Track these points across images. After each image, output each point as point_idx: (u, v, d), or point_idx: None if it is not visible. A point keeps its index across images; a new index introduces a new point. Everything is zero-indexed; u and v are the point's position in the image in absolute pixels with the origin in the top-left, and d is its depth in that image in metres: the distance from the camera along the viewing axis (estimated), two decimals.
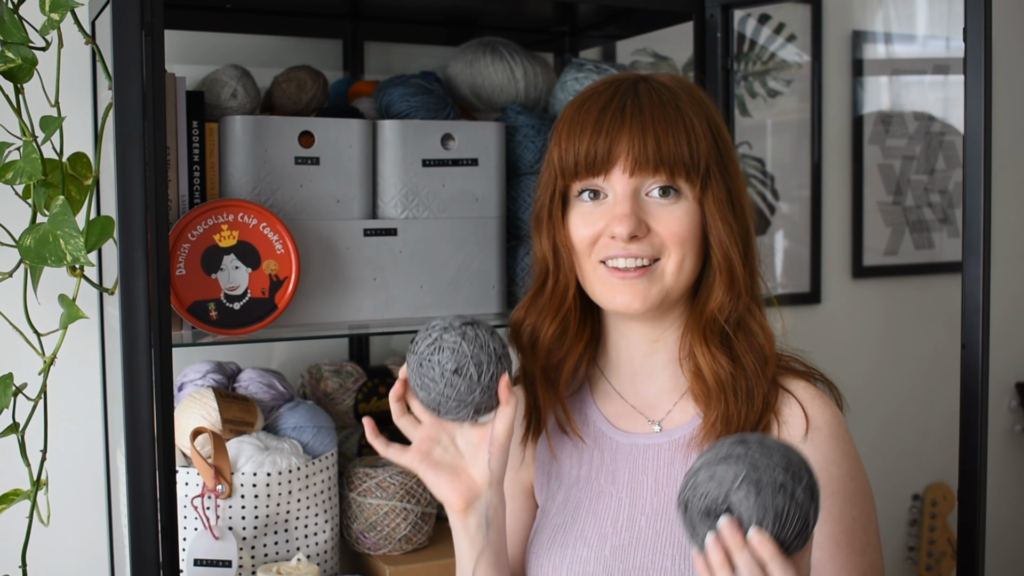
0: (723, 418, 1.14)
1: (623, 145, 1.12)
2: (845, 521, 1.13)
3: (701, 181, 1.14)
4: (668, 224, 1.14)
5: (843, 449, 1.15)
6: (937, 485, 2.64)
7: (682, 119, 1.13)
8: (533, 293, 1.24)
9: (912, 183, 2.60)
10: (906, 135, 2.59)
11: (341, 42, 1.83)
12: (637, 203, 1.14)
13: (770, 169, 2.40)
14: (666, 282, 1.15)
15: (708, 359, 1.15)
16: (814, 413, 1.15)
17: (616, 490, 1.18)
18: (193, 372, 1.55)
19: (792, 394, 1.16)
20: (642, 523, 1.15)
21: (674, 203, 1.14)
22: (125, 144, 1.13)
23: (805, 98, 2.42)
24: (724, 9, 1.58)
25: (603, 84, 1.19)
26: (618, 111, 1.13)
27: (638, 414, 1.22)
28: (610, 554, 1.14)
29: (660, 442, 1.19)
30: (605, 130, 1.13)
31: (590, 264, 1.17)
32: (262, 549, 1.43)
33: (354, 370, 1.70)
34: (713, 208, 1.15)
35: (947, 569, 2.63)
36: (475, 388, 1.09)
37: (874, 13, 2.55)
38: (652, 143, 1.12)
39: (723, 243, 1.15)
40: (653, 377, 1.22)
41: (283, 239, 1.36)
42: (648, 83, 1.17)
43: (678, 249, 1.14)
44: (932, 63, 2.63)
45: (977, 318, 1.21)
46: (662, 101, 1.14)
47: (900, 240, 2.59)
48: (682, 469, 1.16)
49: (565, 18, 1.80)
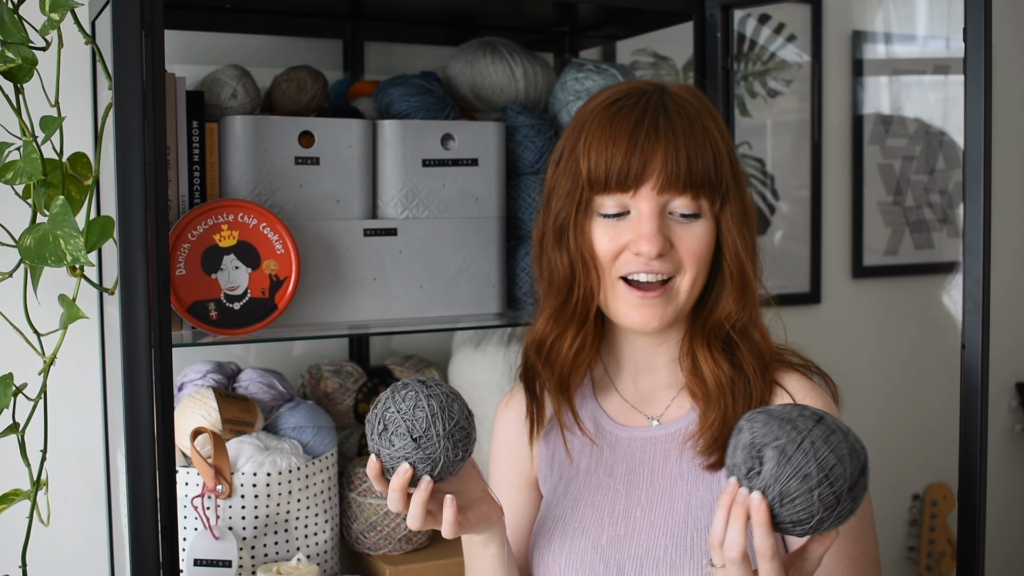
0: (721, 419, 1.16)
1: (657, 163, 1.14)
2: None
3: (721, 199, 1.17)
4: (688, 243, 1.16)
5: None
6: (937, 485, 2.64)
7: (708, 138, 1.16)
8: (558, 306, 1.22)
9: (912, 183, 2.60)
10: (906, 135, 2.59)
11: (341, 42, 1.83)
12: (663, 221, 1.16)
13: (770, 169, 2.40)
14: (680, 300, 1.18)
15: (711, 363, 1.18)
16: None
17: (614, 482, 1.21)
18: (193, 372, 1.55)
19: (784, 387, 1.19)
20: (637, 514, 1.18)
21: (694, 222, 1.17)
22: (125, 144, 1.13)
23: (805, 98, 2.42)
24: (724, 9, 1.58)
25: (628, 94, 1.18)
26: (652, 128, 1.14)
27: (636, 409, 1.25)
28: (607, 544, 1.17)
29: (657, 435, 1.22)
30: (640, 147, 1.14)
31: (609, 279, 1.18)
32: (262, 549, 1.43)
33: (354, 370, 1.70)
34: (731, 224, 1.18)
35: (947, 569, 2.63)
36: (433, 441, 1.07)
37: (874, 13, 2.55)
38: (684, 163, 1.14)
39: (739, 257, 1.18)
40: (654, 375, 1.25)
41: (283, 239, 1.36)
42: (672, 98, 1.18)
43: (694, 267, 1.17)
44: (932, 63, 2.63)
45: (977, 318, 1.21)
46: (690, 119, 1.16)
47: (900, 240, 2.59)
48: (677, 462, 1.19)
49: (565, 18, 1.80)
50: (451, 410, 1.07)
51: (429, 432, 1.05)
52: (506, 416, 1.34)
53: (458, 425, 1.07)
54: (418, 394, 1.07)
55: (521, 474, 1.33)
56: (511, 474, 1.33)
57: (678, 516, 1.16)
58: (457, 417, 1.07)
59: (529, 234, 1.58)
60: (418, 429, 1.05)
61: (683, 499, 1.17)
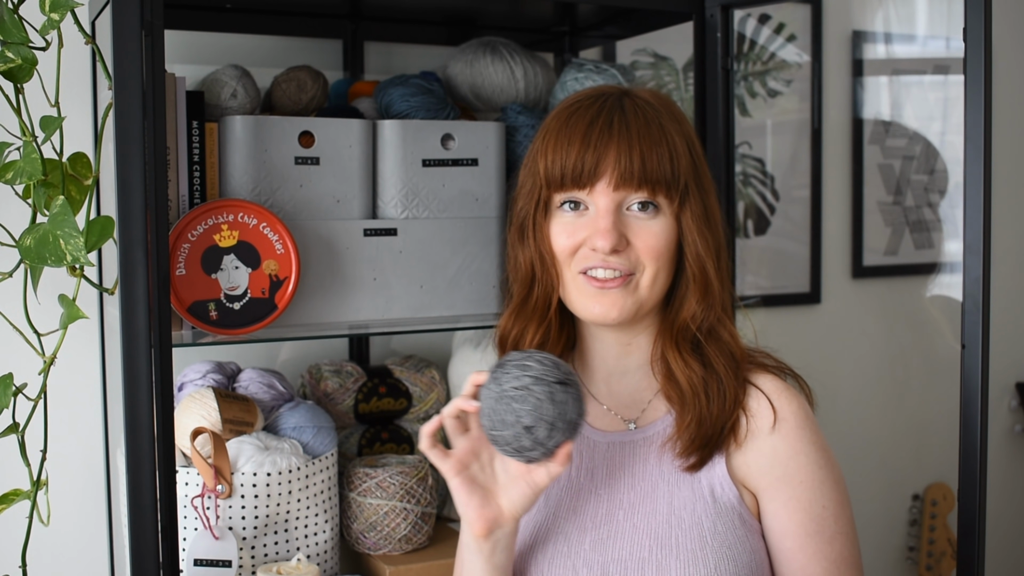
0: (696, 419, 1.18)
1: (610, 160, 1.16)
2: (814, 510, 1.17)
3: (680, 197, 1.18)
4: (646, 239, 1.18)
5: (809, 439, 1.18)
6: (937, 485, 2.64)
7: (665, 137, 1.17)
8: (520, 302, 1.26)
9: (912, 183, 2.60)
10: (906, 135, 2.59)
11: (341, 42, 1.83)
12: (619, 217, 1.17)
13: (770, 169, 2.40)
14: (640, 295, 1.19)
15: (681, 365, 1.20)
16: (781, 405, 1.18)
17: (594, 486, 1.22)
18: (193, 372, 1.55)
19: (759, 388, 1.20)
20: (619, 517, 1.19)
21: (652, 218, 1.18)
22: (125, 144, 1.13)
23: (805, 98, 2.42)
24: (724, 9, 1.58)
25: (588, 97, 1.22)
26: (606, 126, 1.17)
27: (613, 414, 1.26)
28: (589, 548, 1.18)
29: (635, 439, 1.23)
30: (593, 144, 1.16)
31: (570, 274, 1.20)
32: (262, 549, 1.43)
33: (354, 370, 1.70)
34: (691, 223, 1.19)
35: (947, 569, 2.63)
36: (537, 447, 1.08)
37: (874, 13, 2.55)
38: (638, 160, 1.16)
39: (699, 256, 1.20)
40: (627, 378, 1.26)
41: (283, 239, 1.36)
42: (632, 99, 1.20)
43: (653, 263, 1.18)
44: (932, 63, 2.63)
45: (977, 318, 1.22)
46: (647, 119, 1.18)
47: (900, 240, 2.59)
48: (657, 465, 1.20)
49: (565, 18, 1.80)
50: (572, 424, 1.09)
51: (540, 432, 1.07)
52: None
53: (560, 437, 1.09)
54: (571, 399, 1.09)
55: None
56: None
57: (661, 517, 1.17)
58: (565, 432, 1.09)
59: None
60: (541, 427, 1.07)
61: (665, 500, 1.18)
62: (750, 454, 1.18)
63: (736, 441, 1.18)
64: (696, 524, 1.15)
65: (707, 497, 1.17)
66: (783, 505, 1.17)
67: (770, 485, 1.17)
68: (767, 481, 1.17)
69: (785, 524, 1.17)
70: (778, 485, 1.17)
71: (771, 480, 1.17)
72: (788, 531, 1.17)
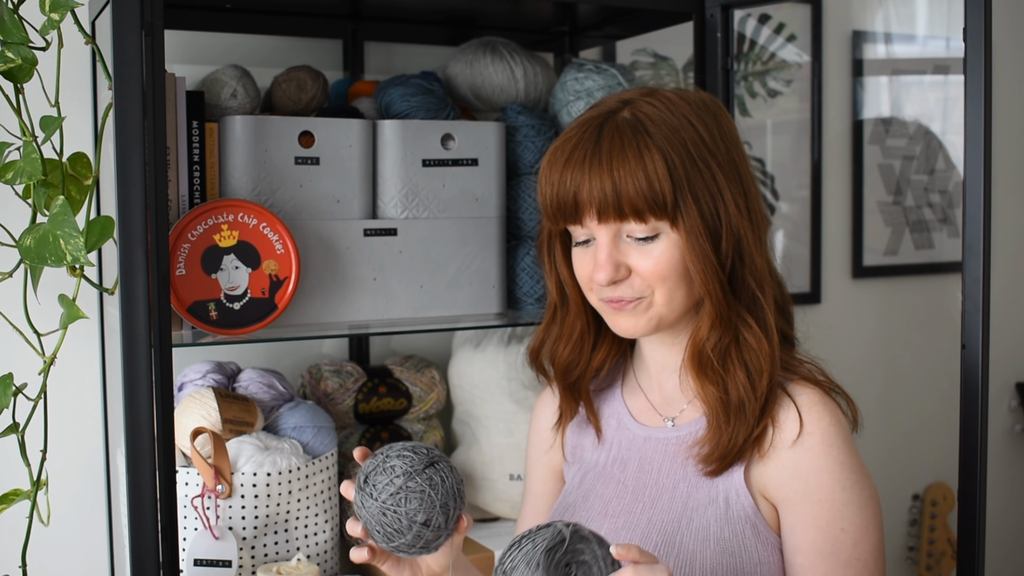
0: (715, 434, 1.18)
1: (584, 194, 1.15)
2: (831, 530, 1.14)
3: (671, 216, 1.14)
4: (646, 265, 1.16)
5: (836, 457, 1.14)
6: (937, 485, 2.64)
7: (641, 160, 1.12)
8: (547, 323, 1.31)
9: (912, 183, 2.60)
10: (906, 135, 2.58)
11: (341, 42, 1.83)
12: (616, 248, 1.16)
13: (770, 169, 2.40)
14: (658, 311, 1.18)
15: (698, 387, 1.20)
16: (809, 419, 1.15)
17: (624, 477, 1.25)
18: (193, 372, 1.55)
19: (793, 399, 1.17)
20: (638, 510, 1.21)
21: (650, 243, 1.15)
22: (125, 144, 1.12)
23: (805, 98, 2.42)
24: (724, 9, 1.58)
25: (579, 124, 1.19)
26: (580, 161, 1.15)
27: (656, 410, 1.28)
28: (605, 535, 1.18)
29: (669, 437, 1.24)
30: (568, 180, 1.16)
31: (594, 298, 1.22)
32: (262, 549, 1.43)
33: (354, 370, 1.70)
34: (688, 240, 1.14)
35: (947, 569, 2.63)
36: (441, 533, 1.06)
37: (874, 13, 2.55)
38: (611, 190, 1.13)
39: (700, 275, 1.15)
40: (673, 376, 1.27)
41: (283, 239, 1.36)
42: (615, 121, 1.15)
43: (662, 284, 1.17)
44: (932, 63, 2.63)
45: (977, 318, 1.21)
46: (623, 143, 1.13)
47: (900, 240, 2.59)
48: (683, 464, 1.21)
49: (565, 18, 1.80)
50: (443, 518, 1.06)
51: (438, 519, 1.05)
52: (541, 407, 1.40)
53: (456, 510, 1.07)
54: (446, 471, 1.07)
55: (549, 463, 1.39)
56: (539, 463, 1.40)
57: (674, 515, 1.18)
58: (440, 523, 1.06)
59: (529, 234, 1.59)
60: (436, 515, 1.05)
61: (681, 500, 1.18)
62: (772, 465, 1.16)
63: (760, 452, 1.16)
64: (703, 527, 1.15)
65: (720, 503, 1.16)
66: (799, 520, 1.14)
67: (788, 498, 1.15)
68: (785, 494, 1.15)
69: (799, 540, 1.14)
70: (796, 499, 1.15)
71: (789, 493, 1.15)
72: (800, 547, 1.14)
